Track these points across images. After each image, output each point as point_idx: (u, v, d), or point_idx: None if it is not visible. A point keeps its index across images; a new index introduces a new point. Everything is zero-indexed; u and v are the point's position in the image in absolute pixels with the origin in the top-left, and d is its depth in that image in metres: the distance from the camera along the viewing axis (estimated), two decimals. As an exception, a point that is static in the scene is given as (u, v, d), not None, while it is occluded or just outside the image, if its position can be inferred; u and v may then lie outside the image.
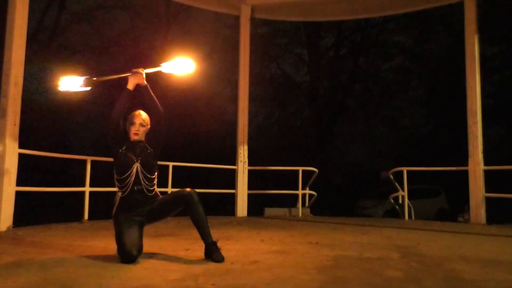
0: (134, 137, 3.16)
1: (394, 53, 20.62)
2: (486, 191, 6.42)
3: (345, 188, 19.74)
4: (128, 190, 3.06)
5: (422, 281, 2.51)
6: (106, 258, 3.00)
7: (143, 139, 3.21)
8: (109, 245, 3.56)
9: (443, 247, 3.92)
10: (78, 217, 5.68)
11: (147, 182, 3.11)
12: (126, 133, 3.18)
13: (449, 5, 7.72)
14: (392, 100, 21.30)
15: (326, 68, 20.92)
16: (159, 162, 3.30)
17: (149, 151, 3.17)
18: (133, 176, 3.06)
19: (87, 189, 5.67)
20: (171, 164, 6.58)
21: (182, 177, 8.30)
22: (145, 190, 3.10)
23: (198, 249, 3.26)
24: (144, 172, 3.10)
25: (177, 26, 20.54)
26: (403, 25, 19.58)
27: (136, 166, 3.08)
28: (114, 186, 3.15)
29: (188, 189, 3.09)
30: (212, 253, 2.99)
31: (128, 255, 2.86)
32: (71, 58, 19.09)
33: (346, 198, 16.43)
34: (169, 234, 4.43)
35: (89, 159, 5.73)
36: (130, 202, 3.07)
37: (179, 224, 5.55)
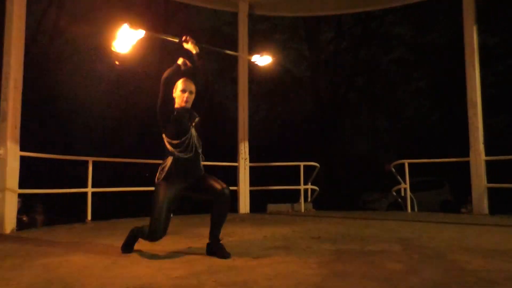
0: (184, 104, 3.21)
1: (395, 45, 20.53)
2: (489, 182, 6.41)
3: (348, 182, 19.71)
4: (183, 153, 3.10)
5: (423, 272, 2.51)
6: (109, 258, 3.02)
7: (190, 106, 3.26)
8: (113, 245, 3.59)
9: (445, 238, 3.92)
10: (82, 218, 5.72)
11: (199, 149, 3.18)
12: (173, 100, 3.24)
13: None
14: (394, 92, 21.22)
15: (327, 62, 20.85)
16: (159, 161, 3.32)
17: (197, 118, 3.24)
18: (188, 140, 3.11)
19: (89, 189, 5.70)
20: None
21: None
22: (197, 156, 3.17)
23: (200, 247, 3.28)
24: (197, 137, 3.18)
25: (176, 24, 20.51)
26: (403, 17, 19.47)
27: (191, 131, 3.14)
28: (115, 186, 3.19)
29: (225, 186, 3.12)
30: (218, 250, 3.03)
31: (155, 234, 3.02)
32: (71, 59, 19.14)
33: (349, 192, 16.42)
34: (171, 232, 4.41)
35: (91, 159, 5.75)
36: (183, 165, 3.09)
37: (181, 222, 5.58)
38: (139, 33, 3.35)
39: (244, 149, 7.26)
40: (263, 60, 3.96)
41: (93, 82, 19.47)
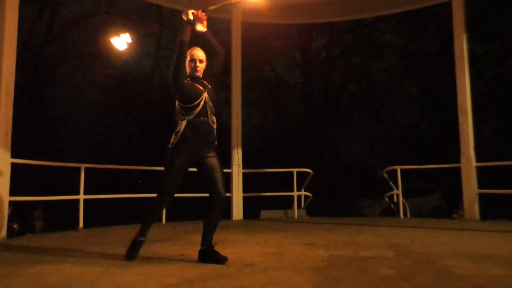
0: (194, 73, 3.23)
1: (386, 53, 20.75)
2: (480, 187, 6.47)
3: (342, 188, 19.76)
4: (195, 116, 3.10)
5: (415, 278, 2.53)
6: (101, 266, 3.00)
7: (201, 75, 3.27)
8: (105, 253, 3.56)
9: (436, 244, 3.95)
10: (73, 226, 5.67)
11: (212, 115, 3.18)
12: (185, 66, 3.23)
13: (439, 4, 7.78)
14: (386, 99, 21.40)
15: (319, 69, 21.00)
16: (151, 168, 3.35)
17: (209, 86, 3.25)
18: (201, 105, 3.12)
19: (81, 197, 5.66)
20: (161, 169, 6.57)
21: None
22: (210, 122, 3.16)
23: (193, 254, 3.27)
24: (210, 103, 3.18)
25: (170, 31, 20.55)
26: (394, 24, 19.71)
27: (204, 96, 3.15)
28: (105, 193, 3.19)
29: (224, 190, 3.16)
30: (214, 255, 3.05)
31: (164, 195, 3.14)
32: (64, 65, 19.08)
33: (343, 198, 16.46)
34: (164, 240, 4.43)
35: (83, 166, 5.72)
36: (197, 129, 3.09)
37: (174, 229, 5.56)
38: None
39: (237, 155, 7.27)
40: None
41: (86, 88, 19.42)
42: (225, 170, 7.30)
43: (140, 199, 7.06)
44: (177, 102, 3.17)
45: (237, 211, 7.15)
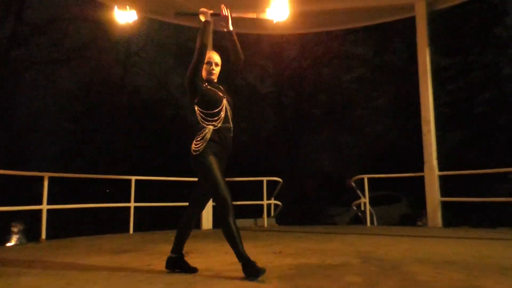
0: (210, 77, 3.12)
1: (355, 65, 21.32)
2: (443, 196, 6.70)
3: (312, 197, 19.98)
4: (221, 123, 2.98)
5: (379, 284, 2.60)
6: (63, 278, 2.92)
7: (216, 80, 3.16)
8: (69, 265, 3.46)
9: (401, 250, 4.06)
10: (35, 237, 5.48)
11: (232, 122, 3.07)
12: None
13: (405, 19, 8.08)
14: (355, 109, 21.92)
15: (290, 79, 21.30)
16: (120, 176, 3.27)
17: (226, 92, 3.13)
18: (223, 112, 3.01)
19: (44, 207, 5.46)
20: (133, 178, 6.47)
21: (146, 191, 8.19)
22: (231, 129, 3.06)
23: (160, 264, 3.23)
24: (230, 110, 3.08)
25: (142, 38, 20.36)
26: (363, 37, 20.29)
27: (224, 102, 3.05)
28: (72, 202, 3.08)
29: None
30: (184, 264, 3.04)
31: (227, 201, 2.85)
32: (29, 70, 18.51)
33: (314, 206, 16.64)
34: (131, 250, 4.35)
35: (46, 175, 5.54)
36: (223, 136, 2.98)
37: (142, 239, 5.47)
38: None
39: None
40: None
41: (53, 94, 18.89)
42: (194, 179, 7.31)
43: (107, 209, 6.90)
44: (196, 107, 3.02)
45: (207, 220, 7.11)
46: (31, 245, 5.09)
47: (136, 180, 6.54)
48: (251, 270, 2.77)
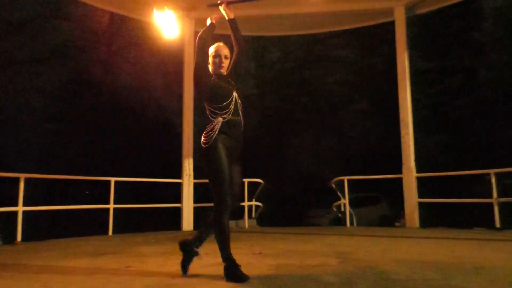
0: (219, 70, 3.06)
1: (337, 68, 21.54)
2: (420, 197, 6.83)
3: (295, 198, 20.07)
4: (230, 115, 2.94)
5: (356, 284, 2.64)
6: (39, 281, 2.86)
7: (225, 73, 3.10)
8: (44, 267, 3.40)
9: (378, 251, 4.13)
10: (11, 239, 5.35)
11: (241, 114, 3.02)
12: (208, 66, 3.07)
13: (386, 23, 8.20)
14: (337, 112, 22.13)
15: (273, 81, 21.39)
16: (99, 178, 3.22)
17: (235, 85, 3.08)
18: (233, 104, 2.96)
19: (20, 208, 5.35)
20: (113, 179, 6.39)
21: (126, 192, 8.08)
22: (242, 122, 3.01)
23: (139, 266, 3.21)
24: (239, 102, 3.03)
25: (122, 38, 20.12)
26: (345, 40, 20.53)
27: (234, 95, 3.00)
28: (50, 204, 3.02)
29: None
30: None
31: (227, 201, 2.81)
32: (7, 70, 18.08)
33: (295, 208, 16.70)
34: (110, 252, 4.30)
35: (22, 176, 5.43)
36: (232, 127, 2.93)
37: (122, 241, 5.40)
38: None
39: (188, 165, 7.21)
40: None
41: (33, 93, 18.48)
42: (175, 181, 7.28)
43: (86, 211, 6.79)
44: (206, 103, 2.99)
45: (187, 221, 7.08)
46: (5, 247, 4.97)
47: (116, 182, 6.46)
48: (233, 275, 2.77)
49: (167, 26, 3.51)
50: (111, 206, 6.32)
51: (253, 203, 7.87)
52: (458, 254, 3.84)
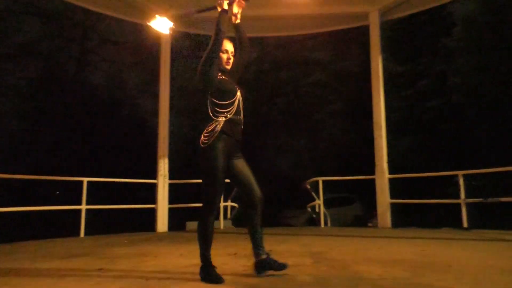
0: (225, 66, 3.01)
1: (313, 69, 21.80)
2: (392, 197, 6.99)
3: (270, 199, 20.11)
4: (232, 114, 2.88)
5: (329, 283, 2.69)
6: (7, 285, 2.78)
7: (230, 69, 3.05)
8: (13, 270, 3.30)
9: (351, 251, 4.21)
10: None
11: (243, 115, 2.98)
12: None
13: (361, 27, 8.36)
14: (312, 113, 22.38)
15: (249, 82, 21.43)
16: (71, 178, 3.15)
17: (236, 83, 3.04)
18: (236, 102, 2.91)
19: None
20: (85, 179, 6.26)
21: (99, 192, 7.93)
22: (242, 121, 2.97)
23: (112, 268, 3.16)
24: (242, 102, 2.98)
25: (97, 35, 19.72)
26: (321, 43, 20.80)
27: (238, 94, 2.95)
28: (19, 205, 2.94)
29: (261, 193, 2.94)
30: (274, 263, 2.93)
31: (214, 203, 2.81)
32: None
33: (270, 208, 16.76)
34: (82, 254, 4.21)
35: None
36: (233, 127, 2.88)
37: (94, 243, 5.30)
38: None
39: (163, 166, 7.14)
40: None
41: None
42: (150, 181, 7.19)
43: (58, 212, 6.62)
44: (210, 98, 2.89)
45: (162, 223, 7.00)
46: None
47: (89, 182, 6.33)
48: (208, 276, 2.78)
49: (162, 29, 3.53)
50: (83, 207, 6.19)
51: (229, 203, 7.86)
52: (427, 253, 3.96)
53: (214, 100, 2.88)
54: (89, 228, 6.26)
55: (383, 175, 6.90)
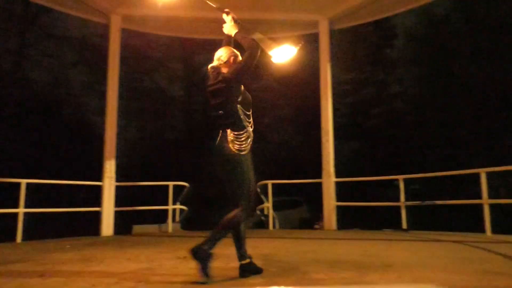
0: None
1: (262, 74, 22.03)
2: (340, 200, 7.24)
3: (219, 201, 20.03)
4: (252, 126, 3.02)
5: (278, 284, 2.75)
6: None
7: None
8: None
9: (299, 252, 4.32)
10: None
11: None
12: None
13: (310, 34, 8.59)
14: (262, 117, 22.60)
15: (199, 84, 21.26)
16: (8, 179, 2.97)
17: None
18: (252, 116, 3.03)
19: None
20: (24, 181, 5.88)
21: (40, 195, 7.53)
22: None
23: (54, 275, 3.02)
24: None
25: (38, 29, 18.63)
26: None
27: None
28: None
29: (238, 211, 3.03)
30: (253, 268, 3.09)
31: (251, 209, 3.03)
32: None
33: (220, 211, 16.69)
34: (20, 260, 3.96)
35: None
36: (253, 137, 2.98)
37: (32, 248, 5.01)
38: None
39: (110, 167, 6.90)
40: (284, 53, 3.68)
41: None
42: (95, 183, 6.92)
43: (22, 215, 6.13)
44: (239, 106, 2.96)
45: (107, 226, 6.75)
46: None
47: (27, 184, 5.96)
48: (254, 268, 3.05)
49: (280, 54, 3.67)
50: (21, 210, 5.82)
51: (178, 206, 7.75)
52: (370, 253, 4.16)
53: (242, 109, 2.98)
54: (27, 234, 5.89)
55: (329, 179, 7.14)
